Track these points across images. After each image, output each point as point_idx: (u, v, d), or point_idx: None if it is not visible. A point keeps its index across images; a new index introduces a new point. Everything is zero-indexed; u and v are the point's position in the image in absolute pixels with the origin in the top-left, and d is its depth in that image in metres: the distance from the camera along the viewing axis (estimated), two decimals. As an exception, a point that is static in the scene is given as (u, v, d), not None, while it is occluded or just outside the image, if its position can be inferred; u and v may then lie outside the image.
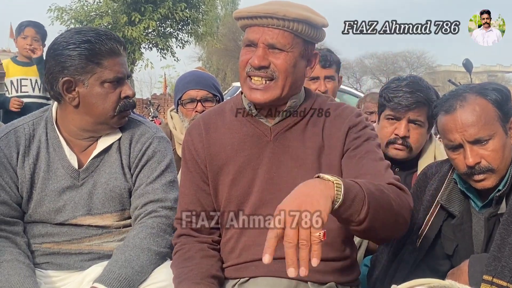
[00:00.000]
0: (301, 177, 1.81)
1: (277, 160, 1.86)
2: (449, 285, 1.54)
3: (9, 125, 2.12)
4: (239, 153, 1.88)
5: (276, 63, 1.77)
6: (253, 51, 1.79)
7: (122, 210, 2.10)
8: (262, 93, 1.79)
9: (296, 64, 1.80)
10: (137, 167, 2.10)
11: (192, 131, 1.98)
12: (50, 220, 2.04)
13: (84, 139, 2.09)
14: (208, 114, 2.02)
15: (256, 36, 1.78)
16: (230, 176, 1.88)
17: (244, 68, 1.82)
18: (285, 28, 1.75)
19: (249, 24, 1.80)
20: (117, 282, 1.85)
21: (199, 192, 1.94)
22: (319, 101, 1.95)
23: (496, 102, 1.85)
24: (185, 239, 1.93)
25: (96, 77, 1.97)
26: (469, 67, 5.96)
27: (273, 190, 1.85)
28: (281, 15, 1.73)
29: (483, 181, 1.86)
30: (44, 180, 2.04)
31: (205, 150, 1.92)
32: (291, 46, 1.77)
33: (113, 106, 2.02)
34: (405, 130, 2.46)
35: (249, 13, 1.77)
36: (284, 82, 1.79)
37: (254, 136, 1.89)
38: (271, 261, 1.46)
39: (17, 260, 1.93)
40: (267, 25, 1.76)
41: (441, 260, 2.04)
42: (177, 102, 3.04)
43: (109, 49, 1.97)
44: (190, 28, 22.62)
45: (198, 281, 1.78)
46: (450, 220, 2.00)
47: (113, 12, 20.70)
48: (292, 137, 1.87)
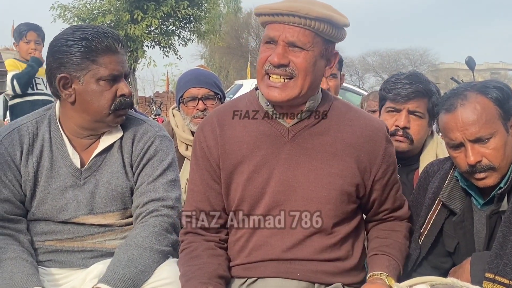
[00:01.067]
0: (317, 180, 1.83)
1: (293, 162, 1.84)
2: (451, 282, 1.55)
3: (12, 123, 2.12)
4: (255, 152, 1.86)
5: (296, 61, 1.75)
6: (272, 48, 1.77)
7: (124, 209, 2.11)
8: (280, 91, 1.77)
9: (316, 63, 1.78)
10: (139, 165, 2.10)
11: (205, 128, 1.95)
12: (53, 218, 2.05)
13: (85, 137, 2.10)
14: (223, 110, 1.98)
15: (277, 34, 1.75)
16: (245, 176, 1.86)
17: (262, 65, 1.80)
18: (306, 27, 1.73)
19: (269, 21, 1.78)
20: (122, 282, 1.85)
21: (208, 191, 1.92)
22: (337, 104, 1.93)
23: (497, 100, 1.85)
24: (192, 237, 1.93)
25: (92, 74, 1.97)
26: (471, 65, 5.94)
27: (288, 192, 1.84)
28: (303, 13, 1.71)
29: (484, 179, 1.86)
30: (47, 178, 2.05)
31: (219, 148, 1.89)
32: (312, 44, 1.75)
33: (108, 104, 2.01)
34: (405, 120, 2.46)
35: (271, 10, 1.75)
36: (303, 81, 1.76)
37: (271, 136, 1.86)
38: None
39: (20, 258, 1.94)
40: (288, 23, 1.73)
41: (443, 258, 2.05)
42: (178, 100, 3.04)
43: (105, 47, 1.97)
44: (192, 26, 22.61)
45: (205, 281, 1.78)
46: (451, 218, 2.00)
47: (116, 10, 20.69)
48: (310, 139, 1.85)
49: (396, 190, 1.99)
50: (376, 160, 1.89)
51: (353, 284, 1.89)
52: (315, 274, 1.83)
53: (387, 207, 2.00)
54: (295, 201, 1.84)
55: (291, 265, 1.84)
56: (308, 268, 1.83)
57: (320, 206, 1.83)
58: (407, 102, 2.47)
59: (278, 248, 1.84)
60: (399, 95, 2.47)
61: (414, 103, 2.47)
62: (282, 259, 1.84)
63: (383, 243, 1.95)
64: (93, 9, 21.14)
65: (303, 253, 1.83)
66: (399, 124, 2.47)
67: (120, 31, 20.21)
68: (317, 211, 1.83)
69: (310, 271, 1.83)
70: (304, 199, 1.83)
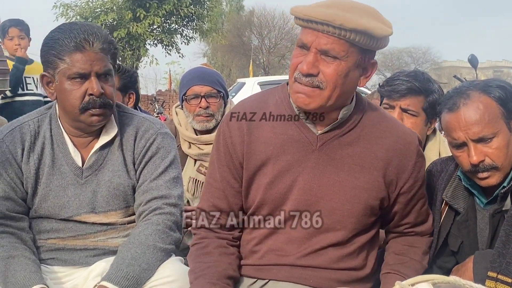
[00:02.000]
0: (341, 192, 1.79)
1: (319, 171, 1.79)
2: (453, 281, 1.54)
3: (14, 121, 2.13)
4: (281, 156, 1.80)
5: (326, 72, 1.66)
6: (305, 54, 1.68)
7: (127, 207, 2.11)
8: (307, 98, 1.69)
9: (349, 74, 1.68)
10: (141, 163, 2.10)
11: (231, 123, 1.87)
12: (54, 216, 2.05)
13: (82, 136, 2.09)
14: (249, 106, 1.89)
15: (310, 40, 1.66)
16: (268, 178, 1.81)
17: (293, 71, 1.72)
18: (341, 37, 1.62)
19: (304, 26, 1.68)
20: (126, 281, 1.85)
21: (228, 189, 1.88)
22: (370, 113, 1.85)
23: (500, 99, 1.84)
24: (205, 232, 1.90)
25: (62, 73, 1.97)
26: (474, 63, 5.92)
27: (311, 201, 1.80)
28: (338, 24, 1.60)
29: (487, 178, 1.85)
30: (49, 175, 2.05)
31: (244, 146, 1.83)
32: (346, 54, 1.65)
33: (77, 103, 1.99)
34: (397, 118, 2.44)
35: (305, 16, 1.64)
36: (330, 93, 1.68)
37: (299, 141, 1.80)
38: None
39: (23, 256, 1.94)
40: (322, 31, 1.63)
41: (447, 257, 2.04)
42: (181, 98, 3.04)
43: (74, 45, 1.94)
44: (195, 24, 22.62)
45: (214, 281, 1.76)
46: (456, 217, 2.00)
47: (118, 8, 20.71)
48: (339, 149, 1.80)
49: (421, 205, 1.94)
50: (404, 174, 1.84)
51: None
52: (328, 282, 1.81)
53: (409, 221, 1.96)
54: (317, 210, 1.80)
55: (305, 271, 1.81)
56: (322, 275, 1.81)
57: (342, 218, 1.79)
58: (400, 99, 2.46)
59: (293, 255, 1.82)
60: (393, 91, 2.47)
61: (406, 101, 2.45)
62: (297, 265, 1.82)
63: (398, 261, 1.92)
64: (96, 8, 21.17)
65: (319, 261, 1.81)
66: None
67: (122, 29, 20.27)
68: (338, 224, 1.80)
69: (324, 278, 1.81)
70: (326, 211, 1.80)
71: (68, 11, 20.79)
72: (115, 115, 2.13)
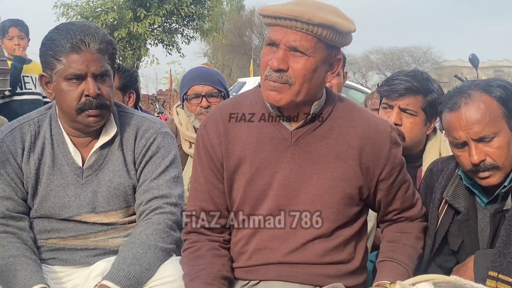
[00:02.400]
0: (319, 184, 1.82)
1: (296, 165, 1.83)
2: (454, 280, 1.54)
3: (14, 121, 2.13)
4: (257, 154, 1.84)
5: (295, 67, 1.71)
6: (274, 51, 1.73)
7: (127, 207, 2.11)
8: (277, 94, 1.74)
9: (317, 69, 1.74)
10: (141, 162, 2.10)
11: (208, 125, 1.92)
12: (55, 216, 2.05)
13: (81, 136, 2.09)
14: (225, 107, 1.94)
15: (279, 37, 1.71)
16: (246, 176, 1.84)
17: (264, 70, 1.77)
18: (309, 32, 1.68)
19: (273, 23, 1.74)
20: (127, 280, 1.85)
21: (213, 190, 1.90)
22: (341, 105, 1.89)
23: (501, 99, 1.84)
24: (196, 236, 1.92)
25: (59, 74, 1.97)
26: (475, 62, 5.92)
27: (290, 196, 1.83)
28: (306, 19, 1.66)
29: (488, 178, 1.85)
30: (49, 175, 2.05)
31: (222, 146, 1.87)
32: (314, 50, 1.71)
33: (74, 104, 1.98)
34: (396, 117, 2.45)
35: (274, 13, 1.71)
36: (299, 88, 1.73)
37: (274, 138, 1.84)
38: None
39: (23, 256, 1.94)
40: (290, 27, 1.69)
41: (447, 257, 2.04)
42: (182, 97, 3.05)
43: (70, 46, 1.94)
44: (195, 23, 22.62)
45: (210, 281, 1.77)
46: (456, 216, 2.00)
47: (119, 8, 20.72)
48: (313, 143, 1.83)
49: (404, 190, 1.95)
50: (380, 161, 1.86)
51: (355, 286, 1.88)
52: (317, 278, 1.82)
53: (395, 208, 1.97)
54: (297, 205, 1.83)
55: (293, 268, 1.83)
56: (310, 271, 1.82)
57: (323, 210, 1.82)
58: (398, 98, 2.46)
59: (279, 252, 1.83)
60: (391, 91, 2.47)
61: (405, 100, 2.45)
62: (284, 262, 1.83)
63: (391, 248, 1.94)
64: (96, 7, 21.18)
65: (305, 257, 1.82)
66: (390, 120, 2.48)
67: (123, 29, 20.28)
68: (319, 215, 1.82)
69: (312, 274, 1.82)
70: (306, 203, 1.82)
71: (68, 11, 20.80)
72: (115, 114, 2.13)
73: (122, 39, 20.49)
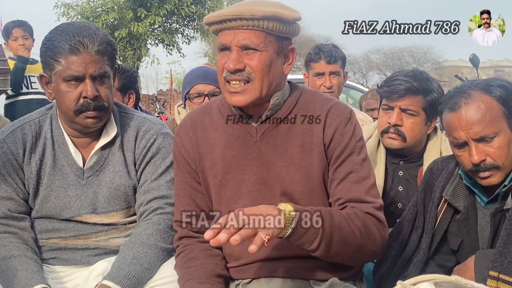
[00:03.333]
0: (291, 176, 1.83)
1: (265, 160, 1.85)
2: (454, 280, 1.54)
3: (15, 122, 2.13)
4: (226, 154, 1.87)
5: (251, 64, 1.75)
6: (227, 55, 1.77)
7: (128, 208, 2.11)
8: (241, 95, 1.77)
9: (272, 62, 1.78)
10: (142, 163, 2.11)
11: (180, 131, 1.96)
12: (56, 216, 2.06)
13: (81, 136, 2.10)
14: (195, 113, 2.00)
15: (228, 39, 1.76)
16: (219, 177, 1.87)
17: (221, 73, 1.80)
18: (255, 28, 1.73)
19: (220, 29, 1.78)
20: (127, 280, 1.86)
21: (193, 193, 1.92)
22: (303, 98, 1.91)
23: (501, 99, 1.84)
24: (187, 240, 1.92)
25: (58, 75, 1.96)
26: (475, 62, 5.92)
27: (265, 190, 1.84)
28: (249, 15, 1.71)
29: (488, 178, 1.85)
30: (50, 176, 2.05)
31: (194, 149, 1.91)
32: (265, 45, 1.75)
33: (72, 105, 1.98)
34: (397, 118, 2.46)
35: (218, 17, 1.75)
36: (261, 83, 1.77)
37: (240, 136, 1.87)
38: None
39: (24, 256, 1.95)
40: (237, 27, 1.74)
41: (447, 256, 2.05)
42: (184, 96, 3.04)
43: (68, 47, 1.92)
44: (196, 23, 22.58)
45: (203, 280, 1.78)
46: (455, 216, 2.00)
47: (119, 8, 20.69)
48: (279, 135, 1.85)
49: (353, 180, 1.79)
50: (331, 143, 1.83)
51: (348, 278, 1.88)
52: (308, 271, 1.83)
53: (339, 197, 1.79)
54: (273, 198, 1.82)
55: (283, 263, 1.83)
56: (300, 265, 1.82)
57: (298, 201, 1.79)
58: (398, 99, 2.47)
59: (266, 248, 1.79)
60: (391, 92, 2.48)
61: (405, 101, 2.46)
62: (273, 258, 1.84)
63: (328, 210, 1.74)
64: (97, 7, 21.14)
65: (293, 251, 1.81)
66: (391, 121, 2.49)
67: (123, 29, 20.25)
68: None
69: (302, 268, 1.83)
70: (281, 196, 1.82)
71: (69, 10, 20.77)
72: (115, 115, 2.13)
73: (123, 39, 20.46)
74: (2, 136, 2.05)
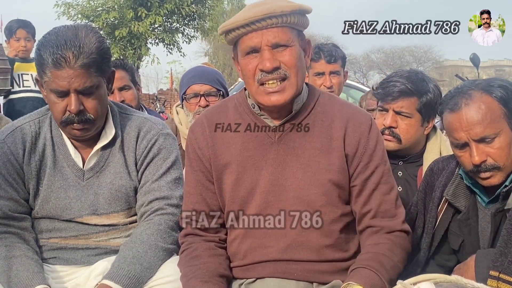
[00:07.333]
0: (307, 178, 1.83)
1: (281, 162, 1.85)
2: (455, 280, 1.54)
3: (15, 122, 2.13)
4: (243, 153, 1.87)
5: (285, 60, 1.75)
6: (256, 57, 1.76)
7: (129, 209, 2.11)
8: (280, 94, 1.77)
9: (300, 56, 1.80)
10: (143, 164, 2.11)
11: (195, 129, 1.96)
12: (57, 217, 2.06)
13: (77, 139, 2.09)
14: (211, 112, 1.99)
15: (257, 41, 1.74)
16: (234, 176, 1.87)
17: (253, 76, 1.78)
18: (283, 24, 1.74)
19: (244, 33, 1.76)
20: (127, 279, 1.86)
21: (204, 192, 1.93)
22: (322, 101, 1.92)
23: (501, 99, 1.84)
24: (192, 238, 1.93)
25: (46, 84, 1.93)
26: (476, 62, 5.93)
27: (278, 192, 1.84)
28: (279, 12, 1.71)
29: (489, 178, 1.85)
30: (50, 177, 2.05)
31: (209, 148, 1.90)
32: (292, 40, 1.77)
33: (59, 116, 1.96)
34: (391, 120, 2.48)
35: (246, 20, 1.72)
36: (296, 78, 1.78)
37: (258, 136, 1.87)
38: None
39: (25, 256, 1.95)
40: (265, 27, 1.73)
41: (448, 256, 2.05)
42: (181, 97, 3.05)
43: (52, 61, 1.86)
44: (196, 23, 22.57)
45: (206, 279, 1.78)
46: (456, 216, 2.00)
47: (120, 7, 20.67)
48: (297, 138, 1.86)
49: (383, 191, 1.86)
50: (357, 152, 1.85)
51: None
52: (312, 274, 1.83)
53: (371, 208, 1.85)
54: (286, 200, 1.84)
55: (289, 265, 1.84)
56: (305, 268, 1.83)
57: (312, 204, 1.82)
58: (392, 102, 2.48)
59: (274, 249, 1.84)
60: (385, 95, 2.50)
61: (399, 103, 2.47)
62: (279, 259, 1.84)
63: (362, 258, 1.82)
64: (97, 7, 21.12)
65: (300, 254, 1.83)
66: (385, 123, 2.50)
67: (124, 28, 20.25)
68: (308, 209, 1.83)
69: (307, 271, 1.83)
70: (294, 198, 1.83)
71: (69, 9, 20.76)
72: (115, 116, 2.12)
73: (123, 39, 20.45)
74: (2, 136, 2.05)
